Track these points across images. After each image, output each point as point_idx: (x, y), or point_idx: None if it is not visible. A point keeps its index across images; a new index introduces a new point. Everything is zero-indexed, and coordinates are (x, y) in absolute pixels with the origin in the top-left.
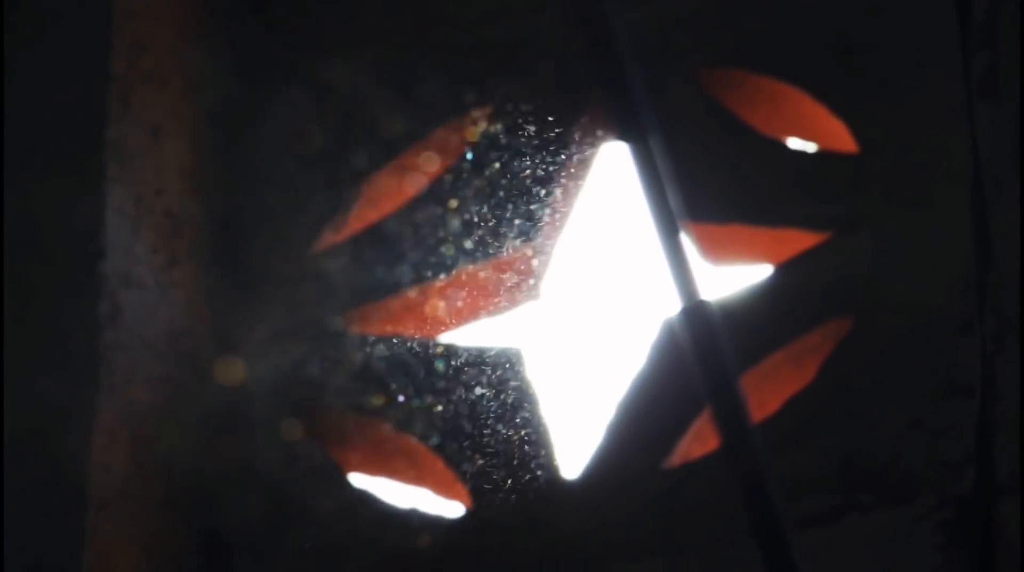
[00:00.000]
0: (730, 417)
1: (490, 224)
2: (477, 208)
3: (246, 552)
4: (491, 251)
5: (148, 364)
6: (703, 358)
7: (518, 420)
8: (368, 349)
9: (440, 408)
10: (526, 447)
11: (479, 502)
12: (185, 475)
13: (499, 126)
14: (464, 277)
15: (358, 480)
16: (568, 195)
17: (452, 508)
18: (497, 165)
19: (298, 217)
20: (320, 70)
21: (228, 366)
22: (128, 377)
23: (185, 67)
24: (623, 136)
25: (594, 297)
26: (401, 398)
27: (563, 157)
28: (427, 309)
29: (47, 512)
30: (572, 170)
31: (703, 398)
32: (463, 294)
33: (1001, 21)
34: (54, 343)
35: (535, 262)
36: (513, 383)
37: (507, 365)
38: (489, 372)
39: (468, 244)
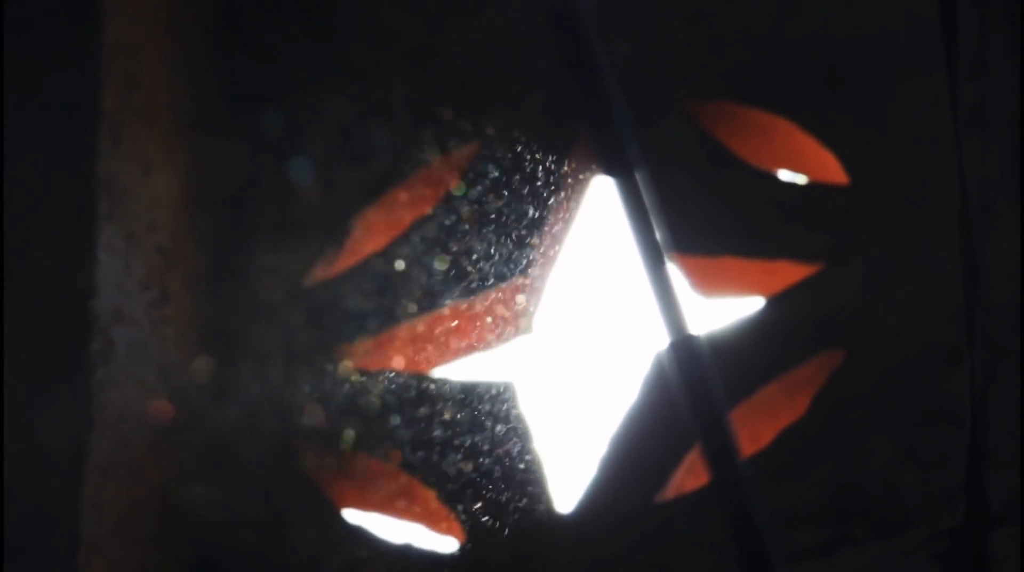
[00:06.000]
0: (719, 451)
1: (481, 258)
2: (467, 242)
3: None
4: (482, 285)
5: (140, 401)
6: (691, 392)
7: (511, 454)
8: (361, 384)
9: (433, 443)
10: (519, 481)
11: (472, 537)
12: (178, 512)
13: (488, 160)
14: (456, 311)
15: (351, 515)
16: (558, 228)
17: (445, 543)
18: (487, 199)
19: (290, 252)
20: (310, 104)
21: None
22: (121, 414)
23: (175, 102)
24: (610, 170)
25: (586, 331)
26: (394, 433)
27: (552, 190)
28: (419, 344)
29: (39, 550)
30: (562, 203)
31: (692, 432)
32: (455, 328)
33: (989, 53)
34: (46, 380)
35: (526, 296)
36: (506, 417)
37: (500, 399)
38: (482, 406)
39: (459, 278)
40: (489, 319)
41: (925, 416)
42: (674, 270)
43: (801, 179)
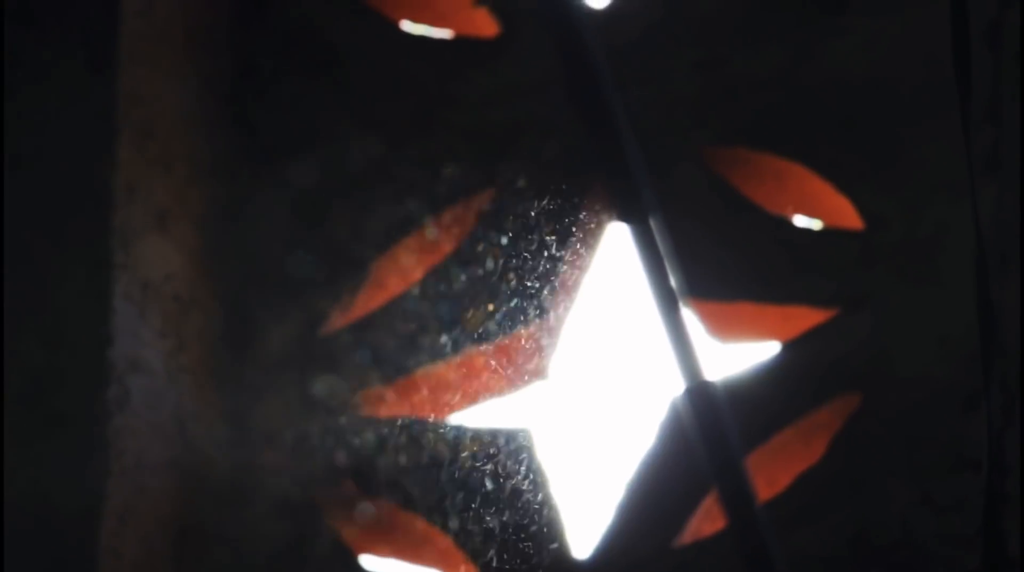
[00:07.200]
0: (735, 496)
1: (496, 304)
2: (483, 289)
3: None
4: (498, 331)
5: (157, 449)
6: (707, 437)
7: (527, 500)
8: (377, 431)
9: (449, 489)
10: (536, 527)
11: None
12: (196, 560)
13: (503, 207)
14: (471, 358)
15: (368, 561)
16: (574, 274)
17: None
18: (502, 246)
19: (306, 299)
20: (325, 153)
21: None
22: (137, 462)
23: (191, 152)
24: (625, 216)
25: (602, 376)
26: (410, 479)
27: (568, 237)
28: (435, 390)
29: None
30: (577, 250)
31: (708, 477)
32: (471, 375)
33: (1003, 96)
34: (62, 429)
35: (542, 342)
36: (522, 463)
37: (516, 445)
38: (498, 452)
39: (475, 325)
40: (505, 365)
41: (942, 460)
42: (689, 316)
43: (816, 224)
